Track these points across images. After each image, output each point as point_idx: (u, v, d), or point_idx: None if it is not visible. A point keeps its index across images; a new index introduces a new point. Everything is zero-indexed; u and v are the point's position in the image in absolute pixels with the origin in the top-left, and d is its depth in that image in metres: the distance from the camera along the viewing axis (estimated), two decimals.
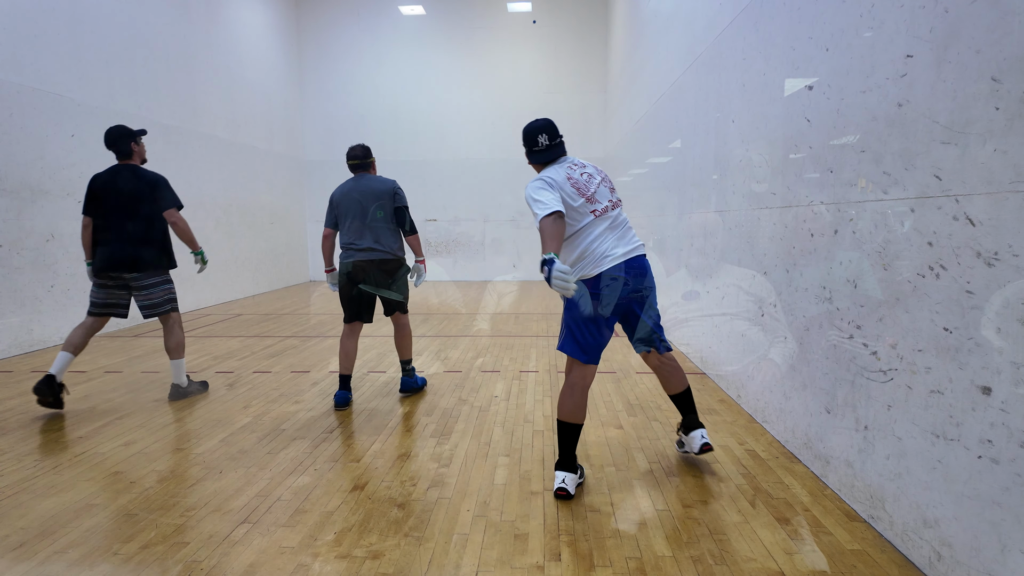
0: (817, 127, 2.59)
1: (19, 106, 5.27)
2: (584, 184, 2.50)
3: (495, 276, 11.65)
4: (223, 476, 2.65)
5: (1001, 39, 1.57)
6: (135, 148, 3.77)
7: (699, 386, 4.03)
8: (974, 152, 1.66)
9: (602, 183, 2.58)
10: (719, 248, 4.03)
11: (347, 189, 3.63)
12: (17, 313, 5.17)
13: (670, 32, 5.67)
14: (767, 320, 3.15)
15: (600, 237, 2.46)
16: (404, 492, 2.49)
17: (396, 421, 3.39)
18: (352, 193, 3.60)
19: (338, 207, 3.63)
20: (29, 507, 2.37)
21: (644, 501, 2.40)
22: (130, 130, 3.77)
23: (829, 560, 1.97)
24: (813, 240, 2.62)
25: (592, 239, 2.45)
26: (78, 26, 6.02)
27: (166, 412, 3.56)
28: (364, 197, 3.58)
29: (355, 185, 3.63)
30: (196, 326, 6.58)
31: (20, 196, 5.25)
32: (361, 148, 3.74)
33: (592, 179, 2.55)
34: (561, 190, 2.43)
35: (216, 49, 8.68)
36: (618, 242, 2.48)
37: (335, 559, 2.00)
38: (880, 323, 2.10)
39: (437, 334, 6.07)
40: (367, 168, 3.74)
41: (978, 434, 1.64)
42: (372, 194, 3.59)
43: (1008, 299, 1.54)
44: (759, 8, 3.31)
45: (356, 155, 3.72)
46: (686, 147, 5.03)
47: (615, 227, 2.51)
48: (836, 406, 2.42)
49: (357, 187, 3.61)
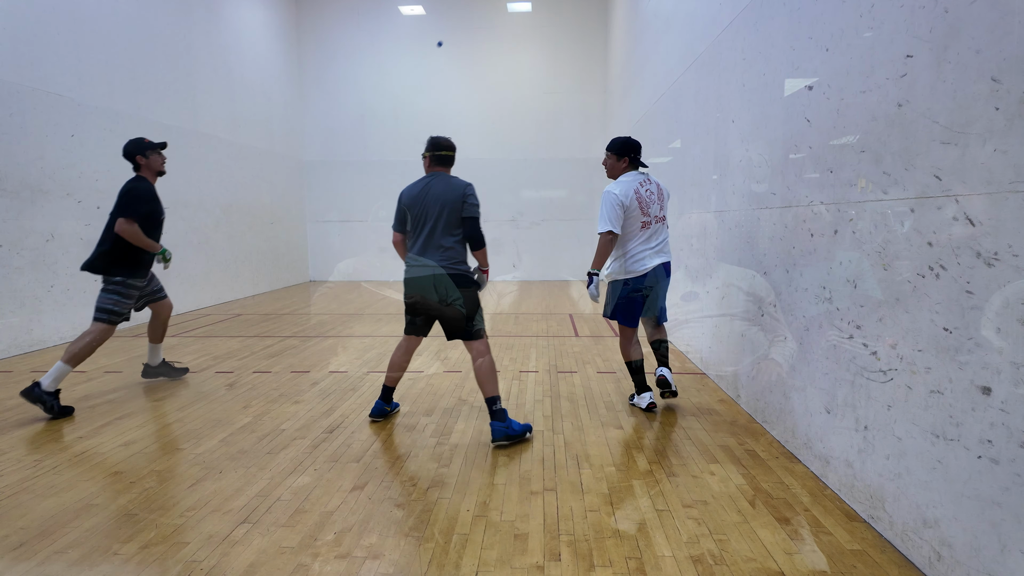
0: (817, 127, 2.59)
1: (19, 106, 5.27)
2: (647, 200, 3.36)
3: (495, 276, 11.64)
4: (223, 476, 2.65)
5: (1001, 39, 1.57)
6: (141, 161, 3.91)
7: (699, 386, 4.03)
8: (974, 152, 1.66)
9: (658, 199, 3.43)
10: (718, 248, 4.03)
11: (416, 192, 3.16)
12: (17, 313, 5.17)
13: (670, 32, 5.67)
14: (767, 320, 3.15)
15: (641, 245, 3.38)
16: (404, 492, 2.49)
17: (396, 421, 3.39)
18: (422, 197, 3.14)
19: (407, 210, 3.20)
20: (29, 507, 2.37)
21: (644, 501, 2.40)
22: (138, 144, 3.90)
23: (829, 560, 1.97)
24: (813, 240, 2.62)
25: (634, 245, 3.39)
26: (78, 26, 6.02)
27: (166, 412, 3.56)
28: (432, 203, 3.11)
29: (427, 187, 3.15)
30: (196, 326, 6.57)
31: (20, 196, 5.25)
32: (449, 141, 3.25)
33: (652, 196, 3.39)
34: (626, 207, 3.32)
35: (216, 49, 8.68)
36: (653, 253, 3.40)
37: (335, 559, 2.00)
38: (880, 323, 2.10)
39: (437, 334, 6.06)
40: (448, 165, 3.26)
41: (978, 434, 1.64)
42: (440, 200, 3.10)
43: (1008, 299, 1.54)
44: (759, 8, 3.31)
45: (444, 145, 3.22)
46: (686, 147, 5.03)
47: (652, 237, 3.40)
48: (836, 406, 2.42)
49: (429, 190, 3.14)
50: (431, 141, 3.22)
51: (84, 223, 5.94)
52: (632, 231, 3.36)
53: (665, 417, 3.41)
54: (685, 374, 4.36)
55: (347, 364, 4.78)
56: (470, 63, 11.45)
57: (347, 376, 4.39)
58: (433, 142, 3.21)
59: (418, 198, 3.14)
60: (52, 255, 5.55)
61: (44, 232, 5.48)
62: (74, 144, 5.86)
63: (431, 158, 3.21)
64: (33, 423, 3.37)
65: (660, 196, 3.44)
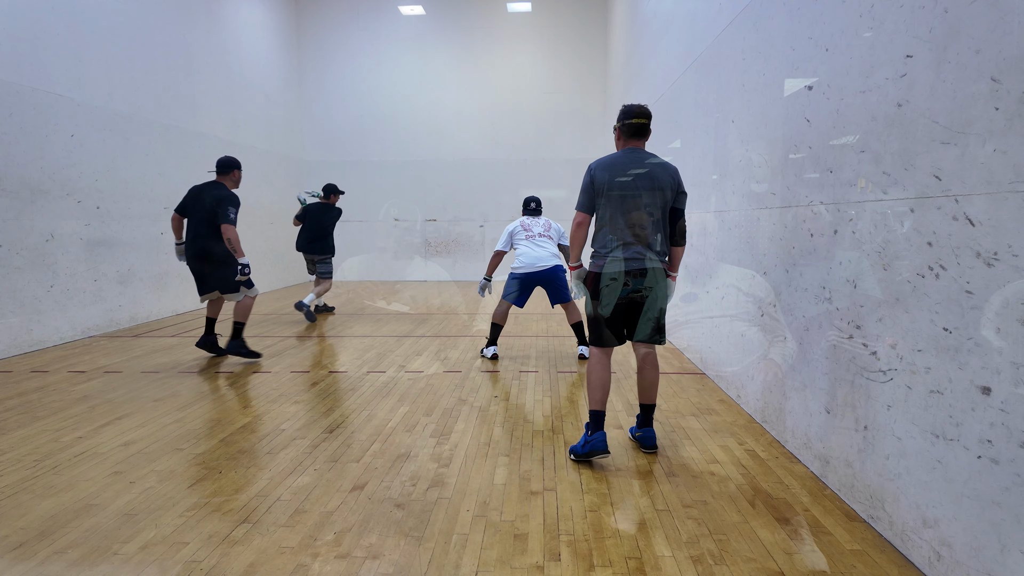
0: (817, 127, 2.59)
1: (19, 106, 5.27)
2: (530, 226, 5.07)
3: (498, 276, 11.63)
4: (223, 476, 2.65)
5: (1000, 39, 1.57)
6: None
7: (699, 386, 4.03)
8: (974, 152, 1.66)
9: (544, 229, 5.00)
10: (718, 248, 4.03)
11: (617, 165, 2.71)
12: (17, 313, 5.17)
13: (670, 32, 5.67)
14: (767, 320, 3.15)
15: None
16: (404, 492, 2.49)
17: (396, 421, 3.39)
18: (627, 171, 2.67)
19: (604, 190, 2.72)
20: (29, 507, 2.37)
21: (644, 501, 2.40)
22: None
23: (829, 560, 1.97)
24: (813, 240, 2.62)
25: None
26: (78, 26, 6.02)
27: (166, 412, 3.56)
28: (642, 182, 2.67)
29: (629, 161, 2.72)
30: (196, 326, 6.57)
31: (20, 196, 5.25)
32: (643, 107, 2.79)
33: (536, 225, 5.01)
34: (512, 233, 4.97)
35: (216, 49, 8.68)
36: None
37: (335, 559, 2.00)
38: (880, 323, 2.10)
39: (437, 334, 6.06)
40: (646, 136, 2.81)
41: (978, 434, 1.64)
42: (653, 180, 2.68)
43: (1008, 299, 1.54)
44: (759, 8, 3.31)
45: (642, 112, 2.76)
46: (686, 147, 5.03)
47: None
48: (836, 406, 2.42)
49: (632, 163, 2.70)
50: (625, 109, 2.80)
51: (84, 223, 5.94)
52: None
53: (665, 417, 3.41)
54: (685, 374, 4.36)
55: (347, 364, 4.78)
56: (470, 63, 11.45)
57: (347, 376, 4.40)
58: (625, 110, 2.80)
59: (624, 175, 2.73)
60: (52, 255, 5.55)
61: (44, 232, 5.48)
62: (74, 144, 5.86)
63: (628, 128, 2.79)
64: (33, 423, 3.37)
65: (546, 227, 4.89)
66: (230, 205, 4.59)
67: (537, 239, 4.84)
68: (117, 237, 6.44)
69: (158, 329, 6.42)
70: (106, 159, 6.29)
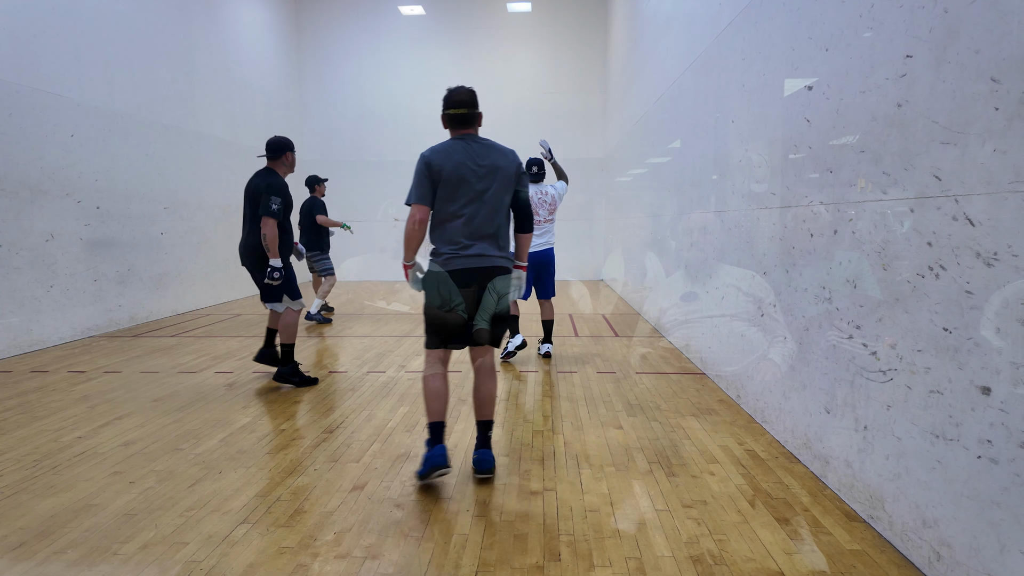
0: (816, 127, 2.59)
1: (19, 106, 5.27)
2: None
3: None
4: (223, 476, 2.65)
5: (1000, 39, 1.57)
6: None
7: (699, 386, 4.03)
8: (973, 152, 1.66)
9: None
10: (718, 248, 4.03)
11: (455, 155, 2.52)
12: (16, 313, 5.17)
13: (670, 32, 5.67)
14: (767, 320, 3.15)
15: None
16: (404, 492, 2.49)
17: (396, 421, 3.39)
18: (466, 163, 2.51)
19: (442, 180, 2.52)
20: (29, 507, 2.37)
21: (644, 501, 2.40)
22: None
23: (829, 560, 1.97)
24: (812, 240, 2.62)
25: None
26: (78, 26, 6.01)
27: (166, 412, 3.56)
28: (483, 172, 2.53)
29: (467, 151, 2.54)
30: (196, 326, 6.58)
31: (19, 196, 5.25)
32: (468, 92, 2.59)
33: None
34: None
35: (215, 49, 8.68)
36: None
37: (334, 559, 2.00)
38: (879, 323, 2.10)
39: None
40: (474, 124, 2.62)
41: (977, 434, 1.64)
42: (494, 168, 2.53)
43: (1007, 299, 1.54)
44: (759, 8, 3.31)
45: (463, 101, 2.56)
46: (685, 147, 5.03)
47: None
48: (836, 406, 2.42)
49: (470, 154, 2.53)
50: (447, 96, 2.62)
51: (84, 223, 5.94)
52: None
53: (665, 417, 3.41)
54: (685, 374, 4.36)
55: (347, 364, 4.78)
56: (470, 63, 11.44)
57: (347, 376, 4.40)
58: (447, 98, 2.62)
59: (462, 165, 2.56)
60: (51, 255, 5.55)
61: (43, 232, 5.48)
62: (74, 144, 5.86)
63: (451, 118, 2.62)
64: (33, 423, 3.37)
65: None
66: (273, 194, 3.92)
67: (542, 224, 4.80)
68: (117, 237, 6.43)
69: (157, 329, 6.41)
70: (106, 159, 6.29)
